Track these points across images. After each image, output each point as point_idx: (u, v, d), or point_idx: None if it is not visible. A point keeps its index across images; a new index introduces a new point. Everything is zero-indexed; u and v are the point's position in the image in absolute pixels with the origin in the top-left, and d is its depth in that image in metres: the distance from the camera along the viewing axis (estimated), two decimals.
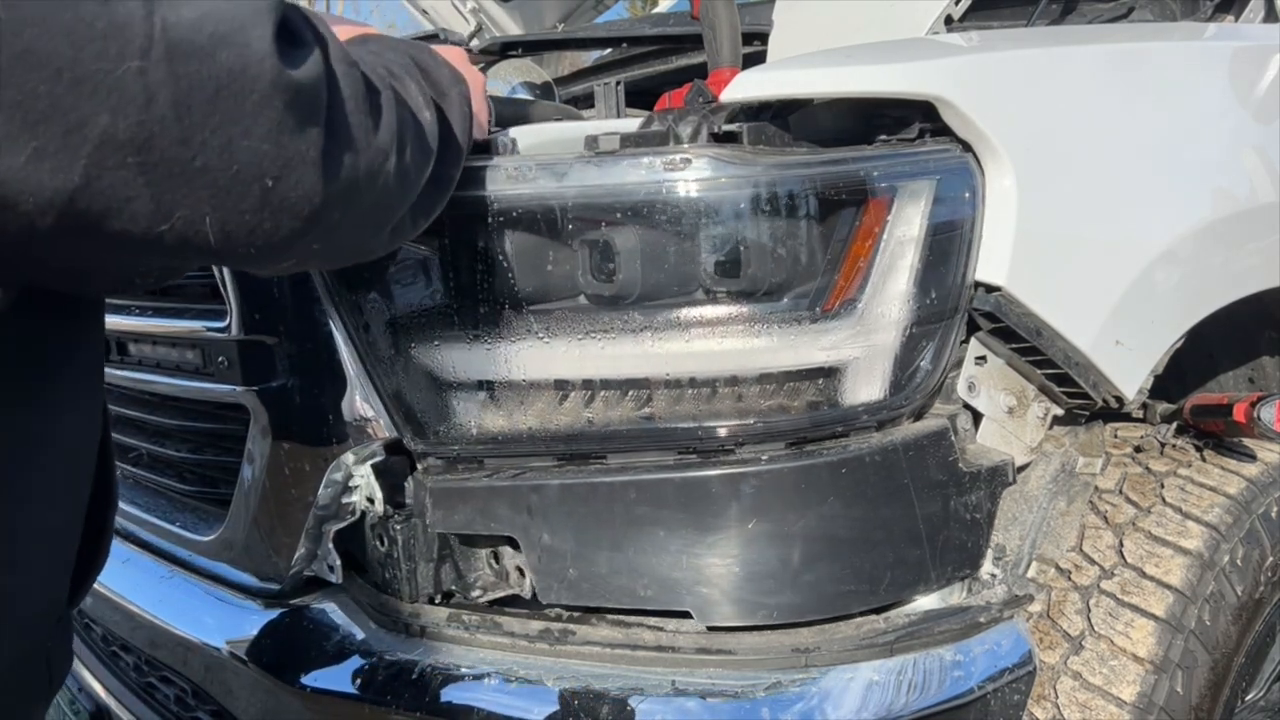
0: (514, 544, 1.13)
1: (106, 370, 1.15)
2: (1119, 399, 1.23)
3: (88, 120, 0.52)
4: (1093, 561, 1.24)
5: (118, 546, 1.50)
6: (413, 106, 0.80)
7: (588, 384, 1.08)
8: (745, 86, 1.03)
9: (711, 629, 1.07)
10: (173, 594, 1.40)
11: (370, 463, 1.15)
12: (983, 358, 1.19)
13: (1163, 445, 1.38)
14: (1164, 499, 1.29)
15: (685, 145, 1.02)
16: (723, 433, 1.05)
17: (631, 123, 1.11)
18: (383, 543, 1.17)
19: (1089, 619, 1.20)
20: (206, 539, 1.34)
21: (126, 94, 0.53)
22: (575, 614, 1.14)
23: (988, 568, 1.17)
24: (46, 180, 0.52)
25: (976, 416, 1.19)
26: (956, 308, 1.10)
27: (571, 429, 1.08)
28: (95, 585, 0.99)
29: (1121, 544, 1.25)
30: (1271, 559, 1.28)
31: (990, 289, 1.11)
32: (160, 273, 0.73)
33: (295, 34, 0.63)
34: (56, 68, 0.50)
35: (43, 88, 0.50)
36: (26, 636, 0.75)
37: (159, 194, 0.57)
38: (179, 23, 0.54)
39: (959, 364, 1.17)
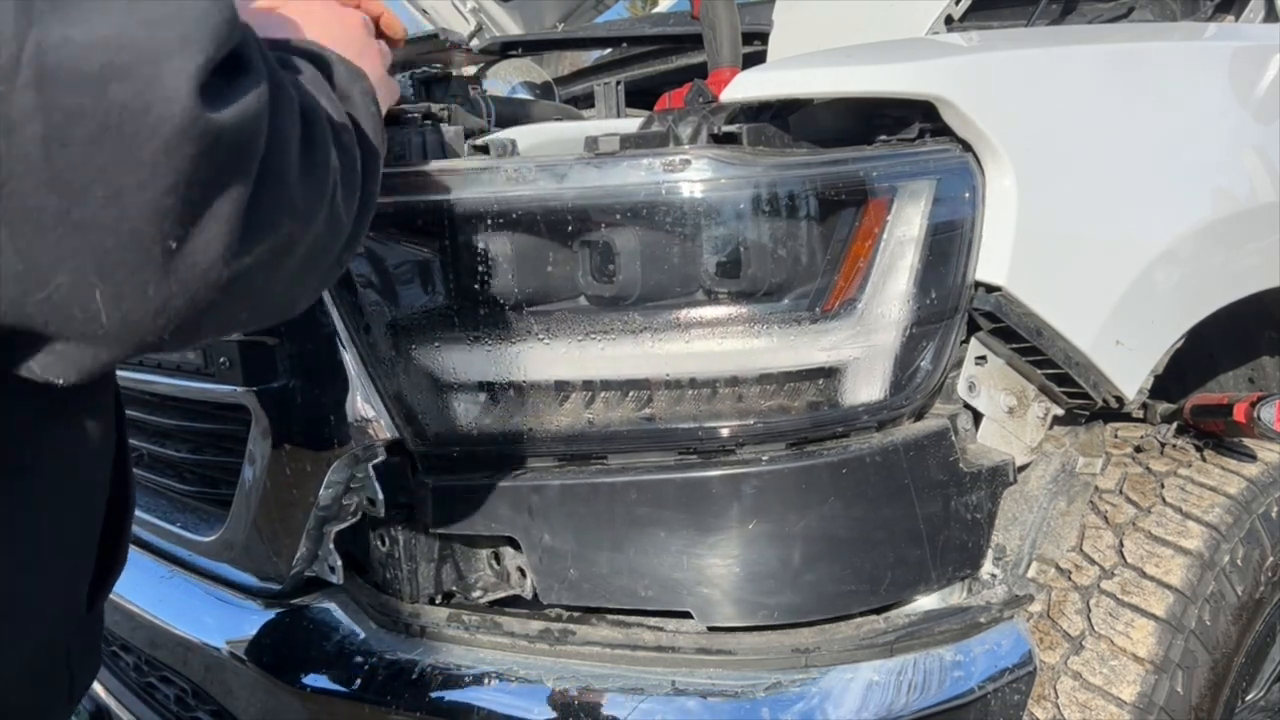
0: (515, 544, 1.13)
1: None
2: (1119, 399, 1.23)
3: None
4: (1093, 561, 1.24)
5: None
6: (335, 129, 0.67)
7: (588, 385, 1.08)
8: (745, 86, 1.02)
9: (712, 629, 1.07)
10: (173, 594, 1.40)
11: (371, 463, 1.15)
12: (983, 358, 1.19)
13: (1163, 445, 1.38)
14: (1164, 499, 1.29)
15: (685, 146, 1.02)
16: (723, 433, 1.05)
17: (631, 123, 1.11)
18: (383, 543, 1.17)
19: (1089, 619, 1.20)
20: (207, 539, 1.34)
21: None
22: (575, 614, 1.14)
23: (988, 568, 1.17)
24: None
25: (977, 416, 1.19)
26: (957, 308, 1.10)
27: (572, 429, 1.08)
28: None
29: (1122, 544, 1.25)
30: (1272, 559, 1.28)
31: (990, 289, 1.11)
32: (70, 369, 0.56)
33: (239, 66, 0.53)
34: None
35: None
36: (43, 639, 0.71)
37: (27, 250, 0.47)
38: (61, 45, 0.45)
39: (959, 364, 1.17)
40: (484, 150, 1.10)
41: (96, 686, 1.66)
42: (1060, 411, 1.27)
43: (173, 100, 0.48)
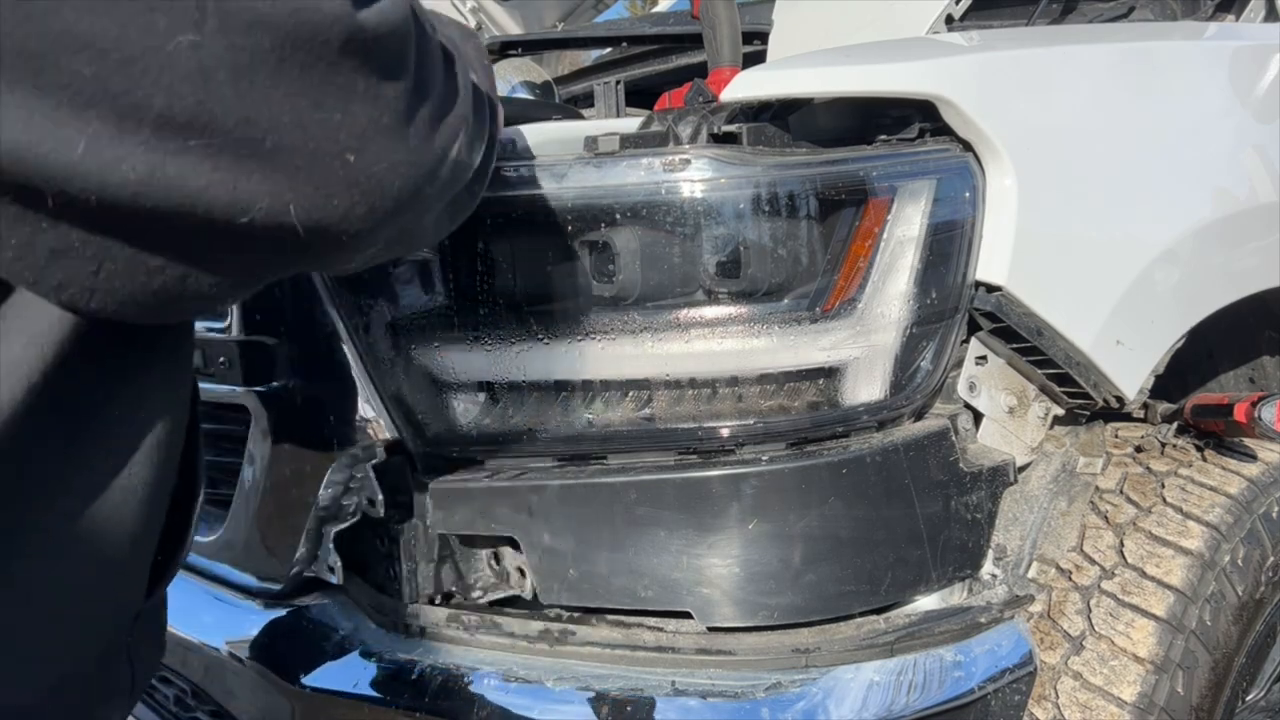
0: (514, 544, 1.13)
1: None
2: (1119, 399, 1.23)
3: (141, 104, 0.48)
4: (1093, 561, 1.24)
5: None
6: (458, 64, 0.74)
7: (588, 385, 1.08)
8: (745, 86, 1.02)
9: (712, 629, 1.07)
10: (172, 594, 1.39)
11: (371, 463, 1.15)
12: (983, 358, 1.19)
13: (1163, 445, 1.38)
14: (1164, 499, 1.29)
15: (685, 145, 1.02)
16: (723, 433, 1.05)
17: (631, 123, 1.11)
18: (383, 543, 1.17)
19: (1089, 619, 1.20)
20: (207, 539, 1.34)
21: (180, 71, 0.49)
22: (575, 614, 1.14)
23: (988, 568, 1.17)
24: (108, 174, 0.48)
25: (977, 416, 1.19)
26: (957, 307, 1.10)
27: (572, 430, 1.08)
28: None
29: (1122, 544, 1.25)
30: (1272, 559, 1.28)
31: (991, 289, 1.11)
32: (272, 270, 0.64)
33: None
34: (101, 48, 0.47)
35: (88, 70, 0.47)
36: (104, 632, 0.72)
37: (231, 181, 0.52)
38: None
39: (959, 364, 1.16)
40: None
41: None
42: (1060, 411, 1.27)
43: (334, 22, 0.53)
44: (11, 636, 0.63)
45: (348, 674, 1.15)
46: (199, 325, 1.25)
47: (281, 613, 1.26)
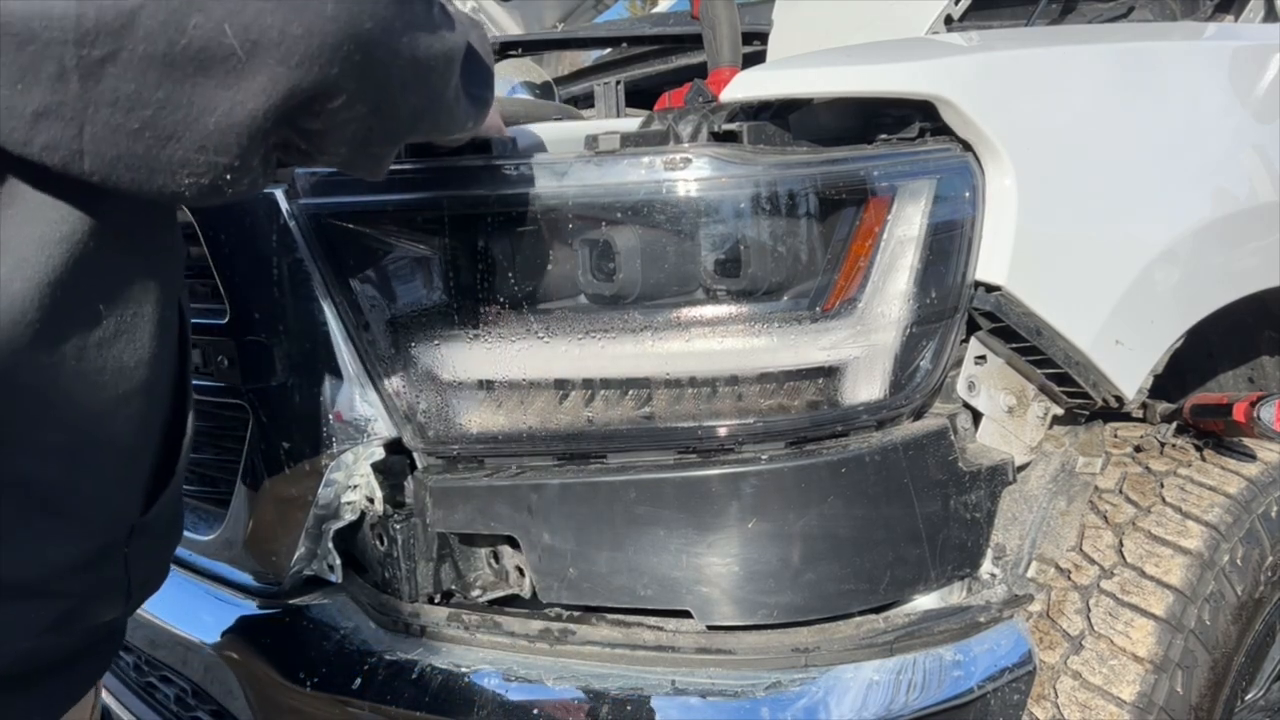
0: (514, 543, 1.13)
1: None
2: (1119, 398, 1.23)
3: None
4: (1092, 561, 1.24)
5: None
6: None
7: (588, 383, 1.08)
8: (745, 86, 1.03)
9: (711, 628, 1.07)
10: (172, 593, 1.40)
11: (370, 462, 1.15)
12: (983, 357, 1.19)
13: (1163, 445, 1.38)
14: (1164, 499, 1.29)
15: (685, 145, 1.02)
16: (723, 432, 1.05)
17: (631, 122, 1.11)
18: (383, 542, 1.17)
19: (1089, 619, 1.20)
20: (206, 538, 1.34)
21: None
22: (575, 613, 1.14)
23: (988, 567, 1.17)
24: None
25: (976, 416, 1.19)
26: (956, 307, 1.10)
27: (572, 428, 1.08)
28: None
29: (1121, 543, 1.25)
30: (1271, 558, 1.28)
31: (990, 288, 1.11)
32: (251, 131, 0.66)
33: None
34: None
35: None
36: (100, 538, 0.77)
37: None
38: None
39: (959, 363, 1.17)
40: (485, 148, 1.10)
41: None
42: (1060, 411, 1.27)
43: None
44: (19, 522, 0.70)
45: (347, 673, 1.15)
46: (199, 322, 1.25)
47: (281, 612, 1.26)
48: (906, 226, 1.06)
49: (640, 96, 1.93)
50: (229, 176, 0.65)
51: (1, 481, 0.69)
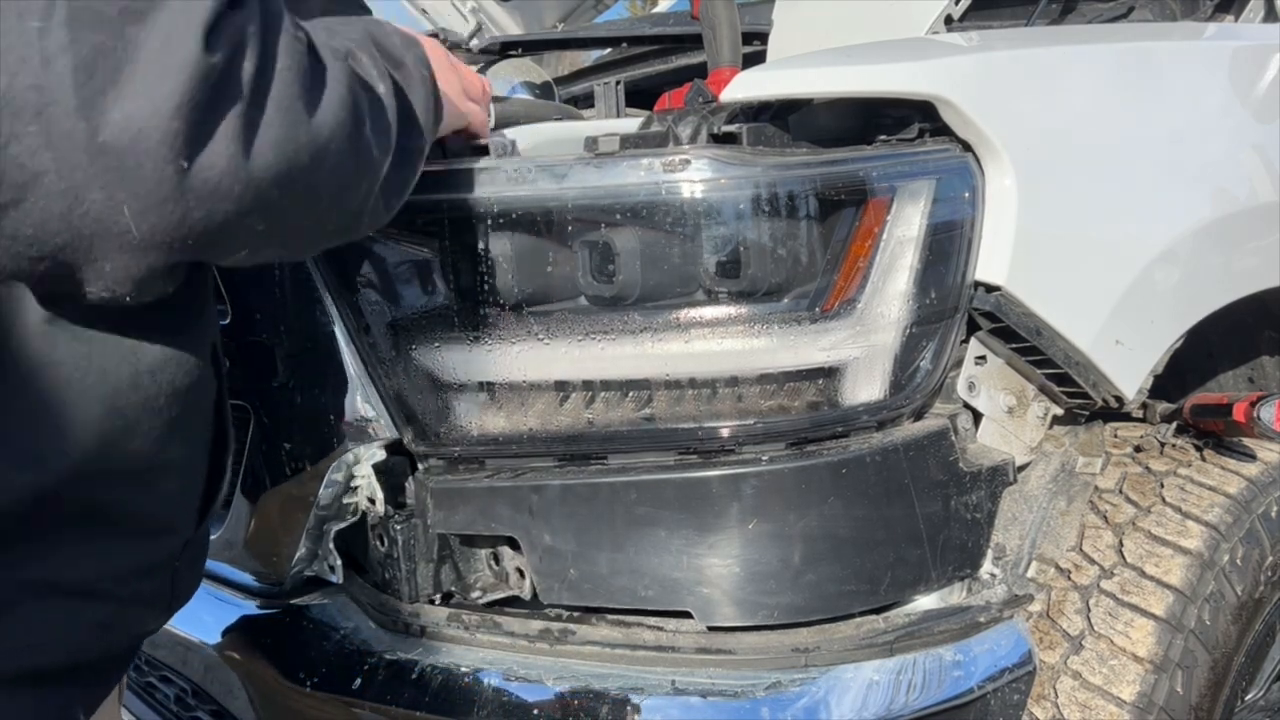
0: (514, 545, 1.13)
1: None
2: (1119, 399, 1.23)
3: None
4: (1092, 561, 1.24)
5: None
6: (367, 80, 0.75)
7: (588, 385, 1.08)
8: (745, 86, 1.03)
9: (712, 629, 1.07)
10: None
11: (371, 463, 1.15)
12: (983, 357, 1.19)
13: (1163, 445, 1.38)
14: (1164, 499, 1.29)
15: (685, 146, 1.02)
16: (723, 433, 1.05)
17: (631, 123, 1.11)
18: (383, 543, 1.17)
19: (1089, 619, 1.20)
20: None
21: (21, 54, 0.53)
22: (575, 614, 1.14)
23: (988, 567, 1.17)
24: None
25: (976, 416, 1.19)
26: (956, 307, 1.10)
27: (572, 430, 1.08)
28: None
29: (1121, 543, 1.25)
30: (1271, 558, 1.28)
31: (990, 289, 1.11)
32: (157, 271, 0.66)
33: (236, 2, 0.61)
34: None
35: None
36: (155, 551, 0.82)
37: (66, 171, 0.55)
38: None
39: (959, 364, 1.17)
40: (484, 150, 1.10)
41: None
42: (1060, 411, 1.27)
43: (181, 40, 0.56)
44: (84, 538, 0.75)
45: (348, 674, 1.15)
46: None
47: (281, 612, 1.26)
48: (906, 227, 1.06)
49: (640, 96, 1.93)
50: (142, 282, 0.65)
51: (76, 508, 0.73)
